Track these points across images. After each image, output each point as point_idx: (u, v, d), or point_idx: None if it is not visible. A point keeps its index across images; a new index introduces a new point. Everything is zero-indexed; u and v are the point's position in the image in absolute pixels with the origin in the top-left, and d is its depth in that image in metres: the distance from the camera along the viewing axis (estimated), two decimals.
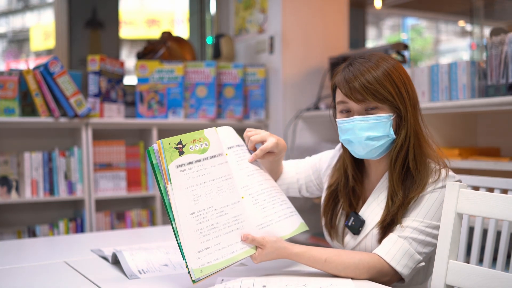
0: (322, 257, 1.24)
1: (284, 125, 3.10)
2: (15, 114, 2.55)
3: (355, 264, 1.23)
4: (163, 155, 1.13)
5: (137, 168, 2.92)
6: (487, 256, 1.50)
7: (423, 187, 1.27)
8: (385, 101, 1.26)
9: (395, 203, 1.28)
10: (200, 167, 1.18)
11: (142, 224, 2.94)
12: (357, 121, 1.27)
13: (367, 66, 1.28)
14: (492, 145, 2.49)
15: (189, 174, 1.16)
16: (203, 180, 1.18)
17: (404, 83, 1.29)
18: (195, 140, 1.19)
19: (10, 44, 4.86)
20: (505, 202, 1.09)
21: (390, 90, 1.26)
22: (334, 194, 1.43)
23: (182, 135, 1.19)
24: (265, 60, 3.23)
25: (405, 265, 1.24)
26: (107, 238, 1.90)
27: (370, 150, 1.28)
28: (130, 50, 4.92)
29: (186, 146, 1.17)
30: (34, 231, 2.72)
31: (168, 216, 1.13)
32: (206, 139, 1.22)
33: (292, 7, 3.13)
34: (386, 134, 1.27)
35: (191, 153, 1.18)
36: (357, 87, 1.25)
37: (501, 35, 2.08)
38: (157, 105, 2.96)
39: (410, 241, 1.25)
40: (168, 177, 1.13)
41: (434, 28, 6.94)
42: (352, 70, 1.28)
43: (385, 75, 1.27)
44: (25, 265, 1.40)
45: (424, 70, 2.38)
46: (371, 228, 1.32)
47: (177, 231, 1.11)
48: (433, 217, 1.26)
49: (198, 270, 1.11)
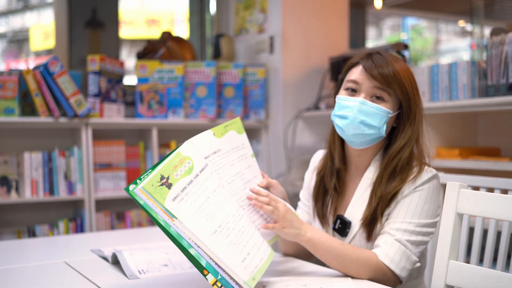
0: (337, 241, 1.26)
1: (284, 125, 3.10)
2: (15, 114, 2.55)
3: (365, 259, 1.24)
4: (152, 199, 1.01)
5: (137, 168, 2.92)
6: (487, 256, 1.50)
7: (402, 182, 1.31)
8: (405, 95, 1.32)
9: (376, 198, 1.32)
10: (195, 186, 1.08)
11: (142, 224, 2.94)
12: (361, 103, 1.31)
13: (394, 59, 1.34)
14: (492, 145, 2.49)
15: (189, 199, 1.05)
16: (206, 196, 1.09)
17: (417, 88, 1.37)
18: (176, 166, 1.06)
19: (10, 44, 4.86)
20: (505, 202, 1.09)
21: (412, 87, 1.33)
22: (323, 181, 1.46)
23: (160, 168, 1.03)
24: (265, 60, 3.23)
25: (403, 268, 1.26)
26: (107, 238, 1.90)
27: (358, 134, 1.32)
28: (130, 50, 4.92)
29: (170, 176, 1.04)
30: (34, 231, 2.72)
31: (179, 246, 1.02)
32: (186, 157, 1.09)
33: (292, 7, 3.13)
34: (379, 127, 1.31)
35: (179, 179, 1.05)
36: (385, 73, 1.30)
37: (501, 35, 2.08)
38: (157, 105, 2.96)
39: (405, 243, 1.27)
40: (170, 215, 1.01)
41: (434, 28, 6.94)
42: (381, 58, 1.33)
43: (408, 74, 1.34)
44: (25, 265, 1.40)
45: (424, 70, 2.38)
46: (358, 229, 1.35)
47: (199, 255, 1.02)
48: (420, 214, 1.29)
49: (251, 279, 1.06)
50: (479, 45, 5.04)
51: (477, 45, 5.12)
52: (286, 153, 3.08)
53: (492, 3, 5.15)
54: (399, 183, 1.31)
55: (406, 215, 1.28)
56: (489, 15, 5.25)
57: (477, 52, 5.15)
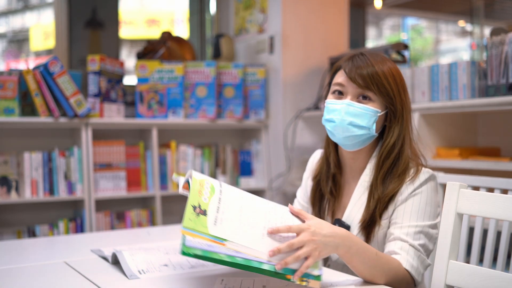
0: (373, 251, 1.17)
1: (284, 125, 3.10)
2: (15, 114, 2.55)
3: (395, 270, 1.20)
4: (197, 233, 0.99)
5: (137, 168, 2.92)
6: (487, 256, 1.50)
7: (399, 184, 1.31)
8: (385, 96, 1.32)
9: (373, 200, 1.32)
10: (225, 201, 1.08)
11: (142, 224, 2.94)
12: (347, 105, 1.32)
13: (377, 59, 1.34)
14: (492, 145, 2.49)
15: (227, 217, 1.05)
16: (239, 205, 1.09)
17: (403, 86, 1.36)
18: (200, 191, 1.06)
19: (10, 44, 4.86)
20: (505, 202, 1.09)
21: (392, 87, 1.32)
22: (319, 186, 1.47)
23: (189, 201, 1.03)
24: (265, 60, 3.23)
25: (420, 273, 1.26)
26: (107, 238, 1.90)
27: (348, 136, 1.32)
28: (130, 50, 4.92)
29: (201, 203, 1.04)
30: (34, 231, 2.72)
31: (252, 270, 1.02)
32: (202, 180, 1.09)
33: (292, 7, 3.13)
34: (368, 127, 1.32)
35: (209, 202, 1.05)
36: (364, 74, 1.31)
37: (501, 35, 2.08)
38: (157, 105, 2.96)
39: (419, 248, 1.26)
40: (219, 240, 1.00)
41: (434, 28, 6.94)
42: (362, 60, 1.34)
43: (390, 73, 1.33)
44: (25, 265, 1.39)
45: (424, 70, 2.38)
46: (357, 232, 1.34)
47: (272, 265, 1.02)
48: (424, 217, 1.29)
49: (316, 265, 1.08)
50: (479, 45, 5.04)
51: (477, 45, 5.12)
52: (286, 153, 3.08)
53: (492, 3, 5.15)
54: (397, 184, 1.31)
55: (411, 219, 1.28)
56: (489, 15, 5.26)
57: (477, 52, 5.16)
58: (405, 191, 1.30)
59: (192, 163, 3.05)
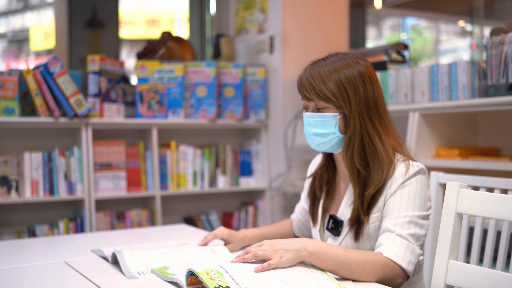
0: (339, 248, 1.22)
1: (284, 125, 3.10)
2: (15, 114, 2.55)
3: (371, 259, 1.22)
4: None
5: (137, 168, 2.92)
6: (487, 256, 1.50)
7: (382, 179, 1.32)
8: (329, 101, 1.34)
9: (356, 198, 1.35)
10: (237, 276, 1.11)
11: (142, 224, 2.94)
12: (307, 118, 1.39)
13: (320, 65, 1.37)
14: (492, 145, 2.49)
15: (249, 284, 1.08)
16: (249, 274, 1.13)
17: (353, 83, 1.35)
18: (212, 278, 1.08)
19: (10, 44, 4.86)
20: (505, 202, 1.09)
21: (333, 91, 1.34)
22: (316, 183, 1.53)
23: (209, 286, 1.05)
24: (265, 60, 3.23)
25: (409, 261, 1.25)
26: (107, 238, 1.90)
27: (317, 144, 1.39)
28: (130, 50, 4.92)
29: (221, 284, 1.06)
30: (34, 231, 2.72)
31: None
32: (205, 270, 1.11)
33: (292, 7, 3.13)
34: (332, 132, 1.36)
35: (225, 280, 1.08)
36: (305, 86, 1.37)
37: (501, 35, 2.08)
38: (157, 105, 2.96)
39: (407, 237, 1.26)
40: None
41: (434, 28, 6.94)
42: (307, 71, 1.39)
43: (333, 76, 1.34)
44: (25, 265, 1.40)
45: (424, 70, 2.38)
46: (348, 229, 1.38)
47: None
48: (413, 207, 1.29)
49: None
50: (479, 45, 5.04)
51: (477, 45, 5.13)
52: (286, 153, 3.08)
53: (492, 3, 5.15)
54: (378, 180, 1.32)
55: (400, 209, 1.29)
56: (489, 15, 5.26)
57: (477, 52, 5.16)
58: (394, 184, 1.32)
59: (192, 163, 3.05)
